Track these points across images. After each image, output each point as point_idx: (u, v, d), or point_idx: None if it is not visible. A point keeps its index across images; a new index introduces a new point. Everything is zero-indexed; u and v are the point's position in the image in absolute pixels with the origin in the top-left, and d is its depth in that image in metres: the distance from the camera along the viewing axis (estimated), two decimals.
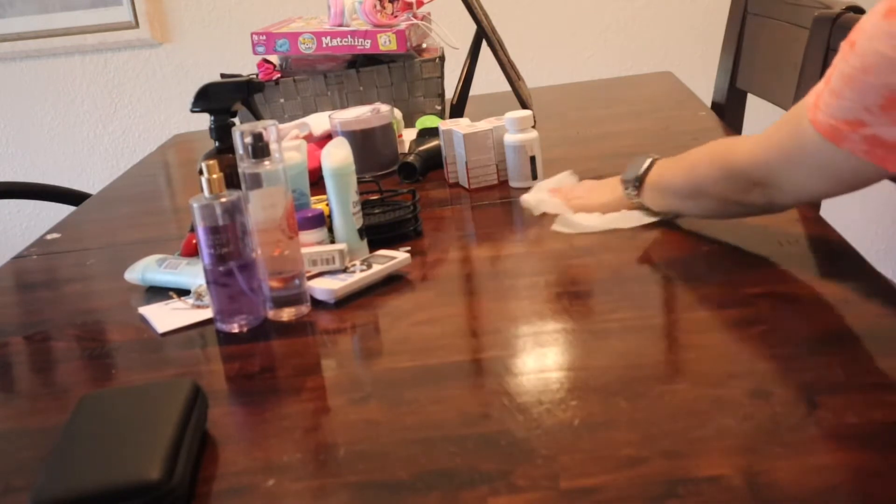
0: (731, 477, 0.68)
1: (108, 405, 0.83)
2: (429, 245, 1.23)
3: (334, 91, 1.77)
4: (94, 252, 1.40)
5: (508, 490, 0.70)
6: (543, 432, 0.76)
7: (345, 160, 1.16)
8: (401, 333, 0.99)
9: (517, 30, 2.62)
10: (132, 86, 2.86)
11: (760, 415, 0.75)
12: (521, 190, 1.38)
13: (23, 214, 3.00)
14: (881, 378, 0.78)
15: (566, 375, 0.86)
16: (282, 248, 1.03)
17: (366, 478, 0.74)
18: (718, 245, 1.11)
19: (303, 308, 1.05)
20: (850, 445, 0.70)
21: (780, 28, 1.72)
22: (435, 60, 1.77)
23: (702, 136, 1.58)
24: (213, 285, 1.02)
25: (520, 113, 1.39)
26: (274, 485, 0.74)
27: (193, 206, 1.00)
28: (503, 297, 1.05)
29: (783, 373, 0.81)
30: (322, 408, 0.86)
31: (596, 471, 0.70)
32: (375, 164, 1.52)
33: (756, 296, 0.97)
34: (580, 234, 1.19)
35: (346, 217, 1.16)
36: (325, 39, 1.73)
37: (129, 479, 0.71)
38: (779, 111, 1.70)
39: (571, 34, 2.71)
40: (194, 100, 1.26)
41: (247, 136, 1.01)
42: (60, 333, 1.12)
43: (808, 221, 1.15)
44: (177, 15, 2.78)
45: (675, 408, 0.77)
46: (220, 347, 1.01)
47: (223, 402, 0.89)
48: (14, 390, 1.01)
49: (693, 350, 0.88)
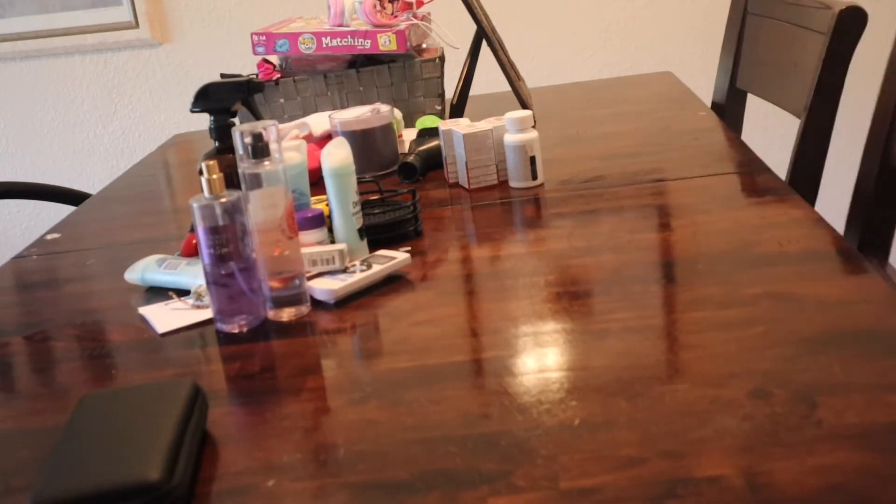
0: (731, 477, 0.68)
1: (108, 405, 0.83)
2: (429, 245, 1.23)
3: (334, 91, 1.77)
4: (94, 252, 1.40)
5: (508, 490, 0.70)
6: (543, 432, 0.76)
7: (345, 160, 1.16)
8: (401, 333, 0.99)
9: (517, 30, 2.63)
10: (132, 86, 2.86)
11: (760, 415, 0.75)
12: (520, 190, 1.38)
13: (23, 214, 3.00)
14: (881, 378, 0.78)
15: (566, 375, 0.86)
16: (282, 249, 1.03)
17: (366, 478, 0.74)
18: (718, 245, 1.11)
19: (303, 308, 1.05)
20: (850, 445, 0.70)
21: (780, 28, 1.72)
22: (435, 60, 1.77)
23: (702, 136, 1.58)
24: (213, 285, 1.02)
25: (520, 113, 1.39)
26: (274, 485, 0.74)
27: (193, 206, 1.00)
28: (503, 297, 1.05)
29: (783, 373, 0.81)
30: (322, 408, 0.86)
31: (596, 471, 0.70)
32: (375, 164, 1.52)
33: (756, 296, 0.97)
34: (579, 233, 1.19)
35: (346, 217, 1.16)
36: (325, 39, 1.73)
37: (129, 479, 0.71)
38: (779, 111, 1.70)
39: (571, 34, 2.71)
40: (194, 100, 1.26)
41: (247, 136, 1.01)
42: (60, 333, 1.12)
43: (808, 221, 1.15)
44: (177, 15, 2.79)
45: (675, 408, 0.78)
46: (220, 347, 1.01)
47: (223, 402, 0.89)
48: (14, 390, 1.01)
49: (693, 350, 0.88)
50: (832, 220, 1.15)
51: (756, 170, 1.36)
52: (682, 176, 1.39)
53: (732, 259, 1.07)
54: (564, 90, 2.17)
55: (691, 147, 1.52)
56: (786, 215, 1.17)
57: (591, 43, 2.71)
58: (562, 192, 1.36)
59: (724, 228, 1.15)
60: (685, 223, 1.18)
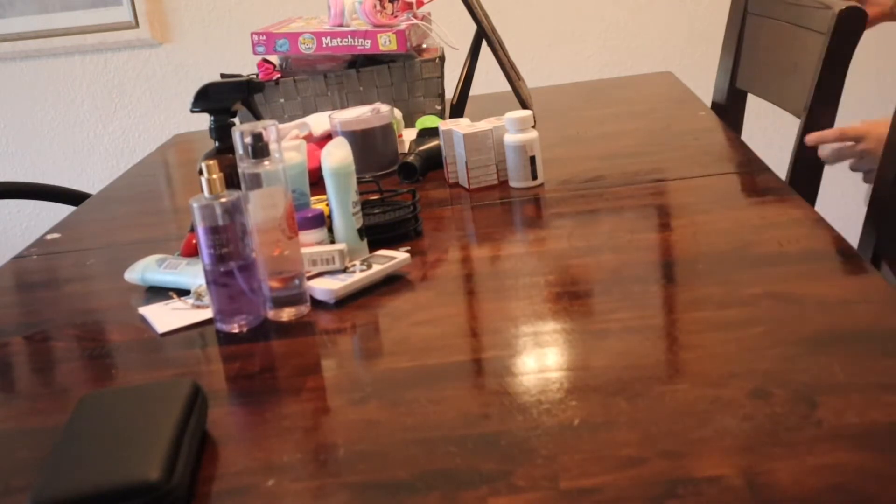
0: (731, 477, 0.68)
1: (108, 405, 0.83)
2: (429, 245, 1.23)
3: (334, 91, 1.77)
4: (94, 252, 1.40)
5: (508, 490, 0.70)
6: (543, 432, 0.76)
7: (345, 160, 1.16)
8: (401, 333, 0.99)
9: (517, 30, 2.63)
10: (132, 86, 2.86)
11: (760, 415, 0.75)
12: (520, 190, 1.38)
13: (23, 214, 3.00)
14: (881, 378, 0.78)
15: (566, 375, 0.86)
16: (282, 248, 1.03)
17: (366, 478, 0.74)
18: (718, 245, 1.11)
19: (303, 308, 1.05)
20: (850, 445, 0.70)
21: (780, 28, 1.72)
22: (435, 60, 1.77)
23: (702, 136, 1.58)
24: (213, 285, 1.02)
25: (520, 113, 1.39)
26: (274, 485, 0.74)
27: (193, 206, 1.00)
28: (503, 297, 1.05)
29: (783, 373, 0.81)
30: (322, 408, 0.86)
31: (596, 471, 0.70)
32: (375, 164, 1.52)
33: (756, 296, 0.97)
34: (581, 232, 1.19)
35: (346, 217, 1.16)
36: (325, 39, 1.73)
37: (128, 479, 0.71)
38: (779, 111, 1.70)
39: (571, 34, 2.71)
40: (194, 100, 1.26)
41: (247, 136, 1.01)
42: (60, 333, 1.12)
43: (808, 222, 1.15)
44: (177, 15, 2.79)
45: (675, 408, 0.78)
46: (220, 347, 1.01)
47: (223, 402, 0.89)
48: (14, 390, 1.01)
49: (693, 350, 0.88)
50: (832, 221, 1.15)
51: (756, 170, 1.36)
52: (682, 176, 1.39)
53: (732, 259, 1.07)
54: (564, 90, 2.17)
55: (691, 147, 1.52)
56: (786, 215, 1.17)
57: (591, 43, 2.71)
58: (562, 192, 1.36)
59: (724, 228, 1.15)
60: (685, 223, 1.18)
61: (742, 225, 1.15)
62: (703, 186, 1.32)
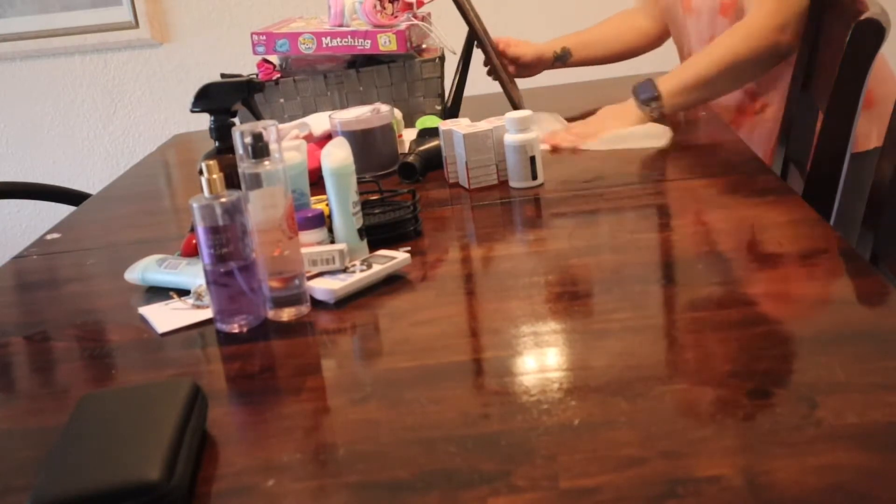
0: (731, 477, 0.68)
1: (107, 405, 0.83)
2: (429, 245, 1.23)
3: (334, 91, 1.77)
4: (94, 252, 1.40)
5: (508, 490, 0.70)
6: (543, 432, 0.76)
7: (345, 160, 1.16)
8: (401, 333, 0.99)
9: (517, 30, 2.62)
10: (132, 86, 2.86)
11: (760, 415, 0.75)
12: (520, 190, 1.38)
13: (23, 214, 3.00)
14: (881, 378, 0.78)
15: (566, 375, 0.86)
16: (282, 248, 1.03)
17: (366, 478, 0.74)
18: (718, 245, 1.11)
19: (303, 308, 1.05)
20: (850, 445, 0.70)
21: None
22: (435, 60, 1.77)
23: (702, 136, 1.58)
24: (213, 285, 1.02)
25: (520, 113, 1.39)
26: (274, 485, 0.74)
27: (193, 206, 1.00)
28: (503, 297, 1.05)
29: (783, 373, 0.81)
30: (322, 408, 0.86)
31: (596, 471, 0.70)
32: (375, 164, 1.52)
33: (756, 296, 0.97)
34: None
35: (346, 217, 1.16)
36: (325, 39, 1.73)
37: (128, 479, 0.71)
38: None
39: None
40: (194, 100, 1.26)
41: (247, 136, 1.01)
42: (60, 333, 1.12)
43: (808, 222, 1.15)
44: (177, 15, 2.79)
45: (675, 408, 0.77)
46: (220, 347, 1.01)
47: (223, 402, 0.89)
48: (14, 390, 1.01)
49: (693, 350, 0.88)
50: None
51: (756, 170, 1.36)
52: (682, 176, 1.39)
53: (732, 259, 1.07)
54: (563, 90, 2.17)
55: (691, 147, 1.52)
56: (786, 215, 1.17)
57: None
58: (562, 192, 1.36)
59: (724, 228, 1.15)
60: (685, 223, 1.18)
61: (742, 225, 1.15)
62: (703, 186, 1.32)
